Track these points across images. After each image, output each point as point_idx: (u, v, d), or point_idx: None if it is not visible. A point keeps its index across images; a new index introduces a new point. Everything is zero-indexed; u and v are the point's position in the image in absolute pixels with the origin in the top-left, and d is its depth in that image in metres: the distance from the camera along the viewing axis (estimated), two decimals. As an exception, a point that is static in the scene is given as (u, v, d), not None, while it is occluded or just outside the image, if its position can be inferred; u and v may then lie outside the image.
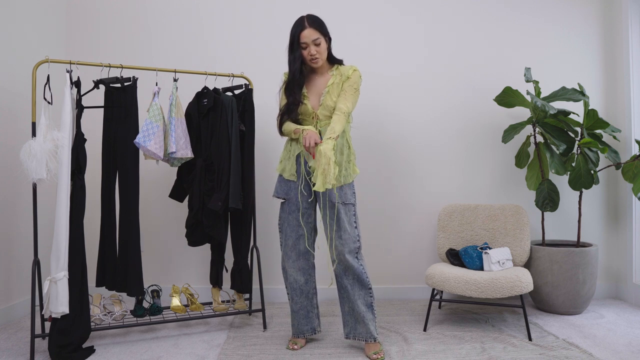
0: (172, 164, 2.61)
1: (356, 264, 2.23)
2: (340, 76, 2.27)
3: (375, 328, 2.26)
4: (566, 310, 2.88)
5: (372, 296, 2.27)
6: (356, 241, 2.24)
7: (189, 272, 3.25)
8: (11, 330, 2.61)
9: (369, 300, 2.27)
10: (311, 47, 2.20)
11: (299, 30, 2.20)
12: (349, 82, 2.24)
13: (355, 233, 2.25)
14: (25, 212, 2.90)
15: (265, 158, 3.24)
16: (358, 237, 2.26)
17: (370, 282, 2.27)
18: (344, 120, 2.17)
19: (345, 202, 2.24)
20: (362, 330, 2.26)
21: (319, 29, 2.21)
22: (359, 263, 2.25)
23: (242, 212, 2.67)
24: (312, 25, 2.19)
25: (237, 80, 2.90)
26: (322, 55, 2.24)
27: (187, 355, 2.26)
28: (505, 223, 2.97)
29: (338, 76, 2.27)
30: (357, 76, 2.26)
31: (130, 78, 2.45)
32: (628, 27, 3.16)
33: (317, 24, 2.22)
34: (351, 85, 2.24)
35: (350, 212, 2.25)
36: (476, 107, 3.31)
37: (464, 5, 3.34)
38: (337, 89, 2.25)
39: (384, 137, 3.29)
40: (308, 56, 2.23)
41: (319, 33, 2.20)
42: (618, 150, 3.14)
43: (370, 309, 2.27)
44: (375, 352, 2.20)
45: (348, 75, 2.25)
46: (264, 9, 3.30)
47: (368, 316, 2.25)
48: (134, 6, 3.28)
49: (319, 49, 2.21)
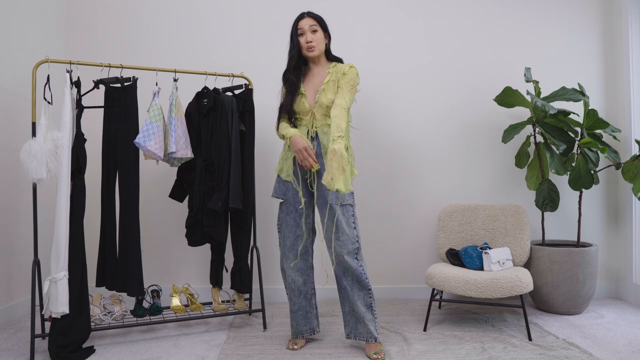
0: (172, 164, 2.61)
1: (355, 264, 2.23)
2: (337, 74, 2.27)
3: (375, 328, 2.26)
4: (566, 310, 2.88)
5: (371, 297, 2.27)
6: (355, 242, 2.23)
7: (189, 272, 3.25)
8: (11, 330, 2.61)
9: (369, 300, 2.26)
10: (308, 33, 2.26)
11: (298, 19, 2.30)
12: (345, 79, 2.24)
13: (354, 234, 2.24)
14: (25, 212, 2.90)
15: (265, 158, 3.24)
16: (357, 238, 2.25)
17: (369, 282, 2.26)
18: (345, 115, 2.16)
19: (343, 204, 2.23)
20: (362, 330, 2.25)
21: (317, 19, 2.29)
22: (358, 264, 2.24)
23: (242, 212, 2.67)
24: (309, 15, 2.29)
25: (237, 80, 2.90)
26: (319, 45, 2.28)
27: (187, 355, 2.26)
28: (505, 223, 2.97)
29: (334, 74, 2.27)
30: (353, 73, 2.26)
31: (130, 78, 2.45)
32: (628, 27, 3.17)
33: (316, 16, 2.30)
34: (347, 81, 2.23)
35: (349, 212, 2.24)
36: (476, 107, 3.31)
37: (464, 5, 3.34)
38: (333, 87, 2.25)
39: (383, 137, 3.29)
40: (305, 44, 2.26)
41: (315, 22, 2.28)
42: (618, 150, 3.14)
43: (369, 309, 2.27)
44: (376, 352, 2.20)
45: (344, 72, 2.25)
46: (264, 9, 3.30)
47: (368, 316, 2.25)
48: (134, 6, 3.28)
49: (315, 37, 2.26)
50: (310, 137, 2.28)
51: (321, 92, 2.25)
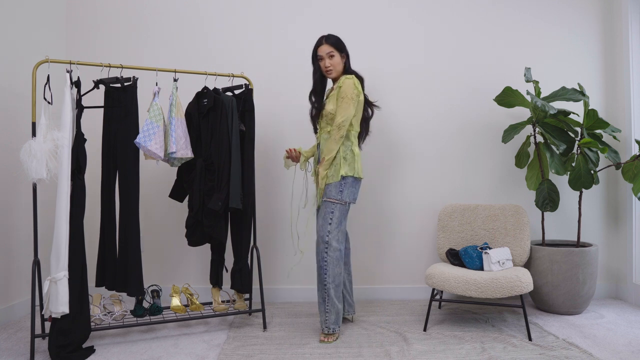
0: (172, 164, 2.61)
1: (319, 257, 2.46)
2: (339, 87, 2.48)
3: (325, 320, 2.43)
4: (566, 310, 2.88)
5: (326, 292, 2.42)
6: (325, 236, 2.43)
7: (189, 272, 3.25)
8: (11, 330, 2.61)
9: (324, 295, 2.43)
10: (325, 59, 2.52)
11: (317, 45, 2.55)
12: (340, 93, 2.46)
13: (327, 229, 2.43)
14: (25, 212, 2.90)
15: (265, 158, 3.24)
16: (328, 234, 2.42)
17: (327, 278, 2.42)
18: (336, 135, 2.42)
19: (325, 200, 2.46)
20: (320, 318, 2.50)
21: (334, 44, 2.53)
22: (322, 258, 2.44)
23: (242, 212, 2.67)
24: (327, 41, 2.53)
25: (237, 80, 2.90)
26: (336, 67, 2.54)
27: (187, 355, 2.26)
28: (505, 223, 2.97)
29: (337, 88, 2.50)
30: (348, 85, 2.44)
31: (130, 78, 2.45)
32: (628, 27, 3.16)
33: (332, 40, 2.54)
34: (341, 95, 2.45)
35: (327, 208, 2.43)
36: (476, 107, 3.31)
37: (464, 4, 3.34)
38: (333, 99, 2.49)
39: (383, 137, 3.29)
40: (323, 68, 2.55)
41: (332, 47, 2.52)
42: (618, 150, 3.14)
43: (323, 302, 2.44)
44: (325, 336, 2.44)
45: (340, 85, 2.48)
46: (264, 9, 3.30)
47: (321, 308, 2.45)
48: (133, 6, 3.28)
49: (332, 62, 2.52)
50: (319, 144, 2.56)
51: (326, 103, 2.53)
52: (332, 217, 2.42)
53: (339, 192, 2.43)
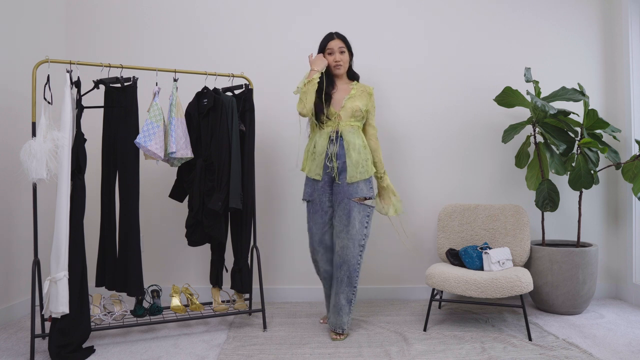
0: (172, 164, 2.61)
1: (354, 261, 2.48)
2: (362, 91, 2.61)
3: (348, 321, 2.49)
4: (566, 310, 2.88)
5: (354, 294, 2.49)
6: (362, 239, 2.49)
7: (189, 272, 3.25)
8: (11, 330, 2.61)
9: (351, 296, 2.49)
10: (337, 54, 2.57)
11: (328, 39, 2.59)
12: (372, 102, 2.62)
13: (363, 232, 2.49)
14: (25, 212, 2.90)
15: (265, 158, 3.24)
16: (365, 237, 2.50)
17: (358, 281, 2.51)
18: (377, 139, 2.66)
19: (361, 201, 2.50)
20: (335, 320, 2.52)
21: (344, 42, 2.60)
22: (356, 261, 2.48)
23: (242, 212, 2.67)
24: (338, 37, 2.59)
25: (237, 80, 2.90)
26: (345, 64, 2.60)
27: (187, 355, 2.26)
28: (505, 223, 2.97)
29: (359, 89, 2.61)
30: (373, 97, 2.66)
31: (130, 78, 2.45)
32: (628, 27, 3.16)
33: (343, 38, 2.60)
34: (373, 105, 2.65)
35: (364, 211, 2.49)
36: (476, 107, 3.31)
37: (464, 4, 3.34)
38: (360, 98, 2.57)
39: (383, 137, 3.28)
40: (333, 62, 2.57)
41: (343, 44, 2.59)
42: (618, 150, 3.14)
43: (349, 303, 2.48)
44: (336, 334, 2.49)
45: (369, 93, 2.62)
46: (264, 9, 3.30)
47: (345, 309, 2.48)
48: (133, 6, 3.28)
49: (342, 57, 2.58)
50: (330, 138, 2.51)
51: (347, 100, 2.55)
52: (369, 222, 2.50)
53: (370, 189, 2.52)
